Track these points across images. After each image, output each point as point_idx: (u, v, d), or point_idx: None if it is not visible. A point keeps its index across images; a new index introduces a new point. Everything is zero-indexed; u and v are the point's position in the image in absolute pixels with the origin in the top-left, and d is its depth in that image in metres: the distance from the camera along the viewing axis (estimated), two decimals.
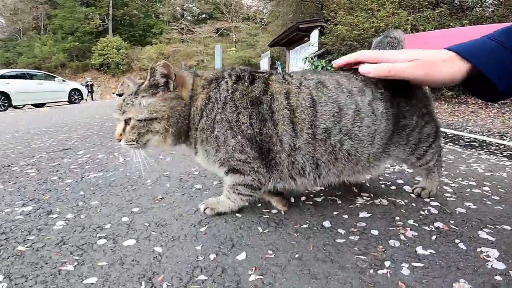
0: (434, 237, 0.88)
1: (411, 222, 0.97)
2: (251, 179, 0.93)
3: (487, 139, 2.66)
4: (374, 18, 6.70)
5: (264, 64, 14.87)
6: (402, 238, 0.87)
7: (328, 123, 0.87)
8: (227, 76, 0.92)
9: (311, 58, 9.72)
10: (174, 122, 0.88)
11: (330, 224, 0.96)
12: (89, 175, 1.53)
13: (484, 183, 1.34)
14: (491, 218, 0.99)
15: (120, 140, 0.91)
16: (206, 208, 1.03)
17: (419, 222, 0.97)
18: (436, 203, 1.11)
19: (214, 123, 0.87)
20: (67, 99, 10.49)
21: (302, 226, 0.95)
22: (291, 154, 0.89)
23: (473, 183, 1.34)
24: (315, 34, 10.57)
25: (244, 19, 31.31)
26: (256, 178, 0.92)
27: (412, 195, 1.18)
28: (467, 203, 1.11)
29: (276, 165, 0.91)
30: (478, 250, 0.81)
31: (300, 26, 10.72)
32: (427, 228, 0.93)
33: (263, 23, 29.04)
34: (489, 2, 6.79)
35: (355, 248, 0.82)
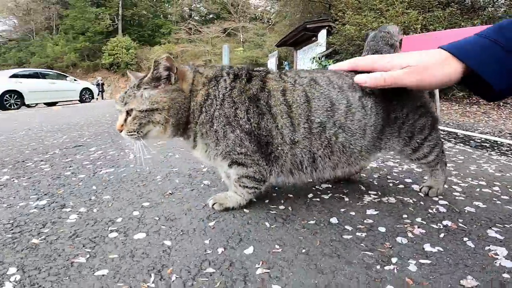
0: (442, 235, 0.88)
1: (419, 220, 0.97)
2: (253, 171, 0.97)
3: (499, 140, 2.61)
4: (383, 18, 6.64)
5: (271, 64, 14.82)
6: (410, 235, 0.87)
7: (322, 117, 0.92)
8: (225, 74, 0.97)
9: (319, 58, 9.69)
10: (174, 113, 0.92)
11: (337, 221, 0.97)
12: (101, 170, 1.57)
13: (494, 183, 1.32)
14: (500, 217, 0.98)
15: (121, 131, 0.93)
16: (215, 203, 1.05)
17: (427, 220, 0.97)
18: (444, 202, 1.10)
19: (213, 118, 0.92)
20: (78, 98, 10.69)
21: (309, 222, 0.96)
22: (292, 147, 0.94)
23: (483, 183, 1.33)
24: (322, 34, 10.52)
25: (252, 19, 31.32)
26: (258, 170, 0.97)
27: (420, 193, 1.18)
28: (476, 202, 1.10)
29: (276, 158, 0.96)
30: (487, 248, 0.80)
31: (307, 26, 10.68)
32: (435, 226, 0.93)
33: (270, 23, 29.01)
34: (501, 2, 6.64)
35: (362, 244, 0.83)
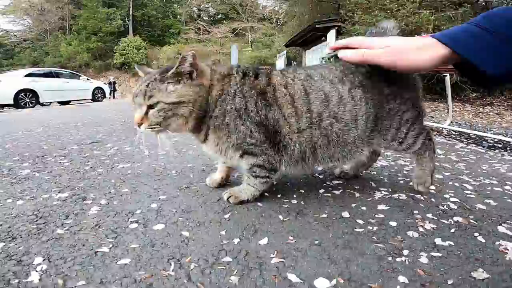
0: (453, 230, 0.89)
1: (430, 215, 0.98)
2: (262, 159, 1.03)
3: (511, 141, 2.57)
4: (393, 18, 6.58)
5: (280, 64, 14.82)
6: (421, 229, 0.89)
7: (319, 108, 1.00)
8: (235, 72, 1.04)
9: (328, 59, 9.63)
10: (198, 106, 0.97)
11: (348, 215, 0.99)
12: (118, 165, 1.62)
13: (506, 182, 1.32)
14: (510, 215, 0.99)
15: (140, 124, 0.95)
16: (230, 196, 1.09)
17: (438, 216, 0.98)
18: (456, 199, 1.11)
19: (226, 112, 0.98)
20: (91, 97, 10.91)
21: (321, 216, 0.99)
22: (299, 136, 1.01)
23: (494, 181, 1.33)
24: (332, 34, 10.46)
25: (260, 19, 31.35)
26: (267, 159, 1.03)
27: (431, 190, 1.19)
28: (487, 200, 1.11)
29: (284, 147, 1.03)
30: (497, 243, 0.82)
31: (317, 26, 10.64)
32: (446, 221, 0.94)
33: (278, 23, 28.98)
34: None
35: (373, 237, 0.86)
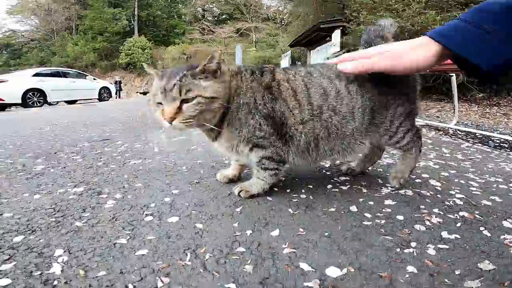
0: (458, 224, 0.92)
1: (436, 210, 1.01)
2: (271, 151, 1.08)
3: None
4: (399, 18, 6.55)
5: (284, 64, 14.85)
6: (427, 223, 0.92)
7: (319, 101, 1.07)
8: (244, 70, 1.11)
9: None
10: (224, 102, 1.02)
11: (356, 209, 1.02)
12: (129, 161, 1.67)
13: (511, 180, 1.34)
14: None
15: (173, 119, 0.94)
16: (241, 190, 1.12)
17: (444, 211, 1.01)
18: (461, 196, 1.14)
19: (239, 107, 1.04)
20: (97, 97, 11.03)
21: (330, 210, 1.02)
22: (304, 126, 1.07)
23: (500, 179, 1.35)
24: (336, 34, 10.46)
25: (264, 20, 31.37)
26: (275, 151, 1.08)
27: (437, 187, 1.22)
28: (492, 197, 1.13)
29: (291, 138, 1.08)
30: (502, 237, 0.84)
31: (321, 26, 10.65)
32: (452, 216, 0.97)
33: (283, 23, 28.97)
34: None
35: (381, 230, 0.88)
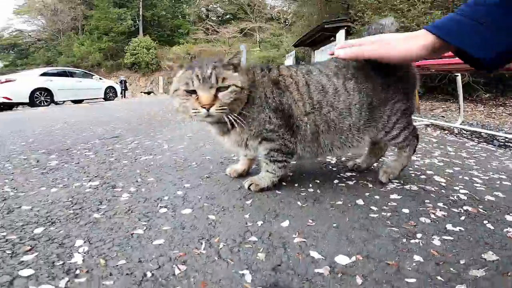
0: (463, 217, 0.95)
1: (440, 204, 1.04)
2: (279, 143, 1.12)
3: None
4: (404, 18, 6.54)
5: (288, 63, 14.88)
6: (432, 216, 0.95)
7: (318, 96, 1.12)
8: (254, 67, 1.18)
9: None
10: (247, 93, 1.07)
11: (363, 202, 1.06)
12: (141, 157, 1.72)
13: None
14: None
15: (210, 106, 0.96)
16: (251, 184, 1.17)
17: (448, 205, 1.04)
18: (465, 191, 1.16)
19: (251, 101, 1.09)
20: (103, 96, 11.15)
21: (337, 203, 1.06)
22: (308, 117, 1.12)
23: (503, 176, 1.37)
24: (341, 34, 10.45)
25: (268, 20, 31.39)
26: (283, 143, 1.13)
27: (442, 183, 1.25)
28: (496, 193, 1.16)
29: (298, 128, 1.13)
30: (505, 230, 0.87)
31: (325, 26, 10.65)
32: (456, 210, 1.00)
33: (287, 23, 28.95)
34: None
35: (387, 222, 0.92)
